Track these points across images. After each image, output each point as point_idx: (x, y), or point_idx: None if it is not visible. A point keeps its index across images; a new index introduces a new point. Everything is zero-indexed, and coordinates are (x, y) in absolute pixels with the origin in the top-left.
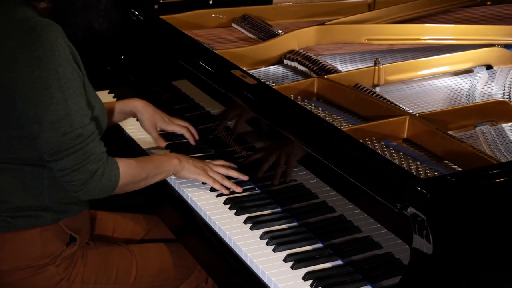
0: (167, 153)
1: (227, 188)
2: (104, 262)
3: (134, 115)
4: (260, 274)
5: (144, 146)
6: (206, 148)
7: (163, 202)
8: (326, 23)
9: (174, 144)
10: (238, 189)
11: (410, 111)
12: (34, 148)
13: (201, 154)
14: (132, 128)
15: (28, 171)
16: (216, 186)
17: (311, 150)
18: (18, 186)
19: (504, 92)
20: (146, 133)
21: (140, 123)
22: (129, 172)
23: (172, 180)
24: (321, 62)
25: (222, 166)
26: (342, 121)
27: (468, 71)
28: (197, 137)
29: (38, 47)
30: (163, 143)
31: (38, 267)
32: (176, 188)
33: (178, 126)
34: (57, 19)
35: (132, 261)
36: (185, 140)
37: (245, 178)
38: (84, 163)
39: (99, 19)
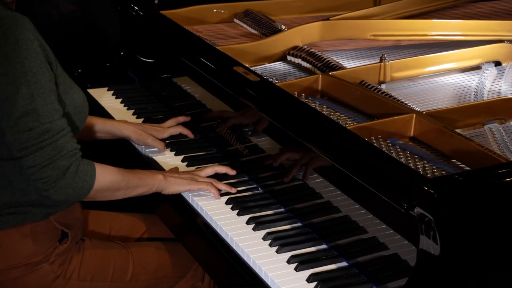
0: (152, 170)
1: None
2: (100, 259)
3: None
4: (263, 276)
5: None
6: (208, 147)
7: (163, 201)
8: (330, 19)
9: (175, 143)
10: (233, 190)
11: (417, 108)
12: None
13: (202, 153)
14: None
15: (10, 166)
16: (212, 190)
17: (315, 148)
18: (2, 182)
19: None
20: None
21: (137, 143)
22: (107, 177)
23: None
24: (325, 59)
25: (207, 167)
26: (347, 119)
27: (476, 67)
28: (190, 132)
29: (4, 42)
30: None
31: (32, 265)
32: None
33: (172, 129)
34: (26, 10)
35: (128, 258)
36: (185, 139)
37: (233, 172)
38: (54, 158)
39: (64, 2)
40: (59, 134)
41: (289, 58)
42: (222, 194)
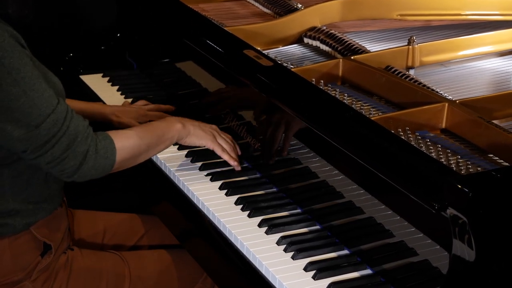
0: (168, 118)
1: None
2: (91, 272)
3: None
4: (277, 285)
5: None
6: None
7: (164, 201)
8: None
9: None
10: (238, 168)
11: (449, 97)
12: None
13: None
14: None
15: None
16: (225, 157)
17: (335, 142)
18: None
19: None
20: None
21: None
22: (127, 145)
23: (175, 177)
24: (347, 41)
25: (227, 139)
26: (371, 109)
27: None
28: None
29: None
30: None
31: (11, 284)
32: (180, 186)
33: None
34: None
35: (124, 270)
36: None
37: (237, 168)
38: (73, 147)
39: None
40: (67, 120)
41: (306, 40)
42: (231, 194)
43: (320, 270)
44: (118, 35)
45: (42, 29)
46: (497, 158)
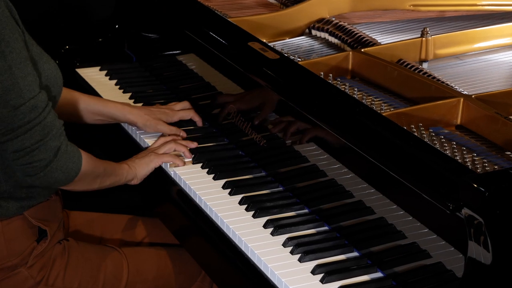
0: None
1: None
2: (89, 264)
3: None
4: None
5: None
6: (218, 137)
7: (165, 201)
8: None
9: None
10: (193, 145)
11: (465, 91)
12: None
13: (212, 144)
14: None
15: None
16: (176, 161)
17: (345, 139)
18: None
19: None
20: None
21: (144, 130)
22: (89, 160)
23: (176, 175)
24: (356, 33)
25: (166, 143)
26: (382, 104)
27: None
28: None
29: None
30: (183, 133)
31: (6, 270)
32: (181, 185)
33: (182, 112)
34: None
35: (122, 264)
36: (190, 127)
37: (193, 145)
38: (46, 139)
39: None
40: (45, 110)
41: (314, 32)
42: (235, 193)
43: (328, 273)
44: (117, 26)
45: (37, 21)
46: None
